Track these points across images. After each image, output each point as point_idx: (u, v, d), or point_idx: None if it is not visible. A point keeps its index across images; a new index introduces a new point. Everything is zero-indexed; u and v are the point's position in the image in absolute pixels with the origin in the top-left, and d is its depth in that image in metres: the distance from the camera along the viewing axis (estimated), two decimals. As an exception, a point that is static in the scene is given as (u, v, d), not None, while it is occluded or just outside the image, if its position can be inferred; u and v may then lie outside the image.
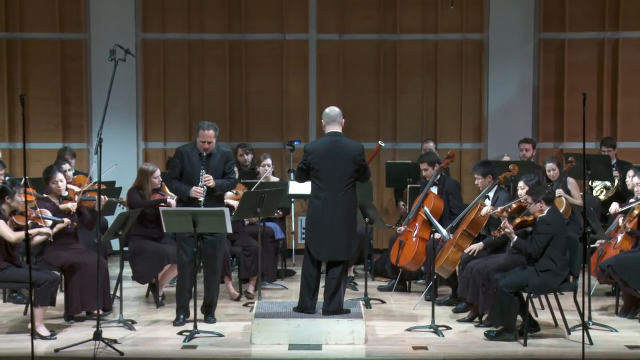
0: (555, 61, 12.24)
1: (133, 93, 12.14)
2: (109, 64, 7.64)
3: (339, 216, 7.61)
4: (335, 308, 7.64)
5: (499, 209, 8.05)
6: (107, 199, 8.64)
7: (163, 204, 8.78)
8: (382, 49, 12.31)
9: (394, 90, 12.32)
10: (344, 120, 7.85)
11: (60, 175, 8.27)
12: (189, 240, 7.96)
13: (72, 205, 8.26)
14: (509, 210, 7.94)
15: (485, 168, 8.81)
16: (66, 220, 8.04)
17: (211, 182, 8.06)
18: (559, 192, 9.45)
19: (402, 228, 9.42)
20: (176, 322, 8.10)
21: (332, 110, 7.82)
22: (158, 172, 9.01)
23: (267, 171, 10.40)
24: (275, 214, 10.11)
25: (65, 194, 8.35)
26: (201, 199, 7.99)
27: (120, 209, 9.45)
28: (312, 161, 7.67)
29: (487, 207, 8.40)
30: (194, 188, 8.03)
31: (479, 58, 12.26)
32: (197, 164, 8.09)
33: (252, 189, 9.49)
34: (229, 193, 9.45)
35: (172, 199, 8.83)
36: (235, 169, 9.77)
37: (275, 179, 10.53)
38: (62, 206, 8.22)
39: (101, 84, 11.67)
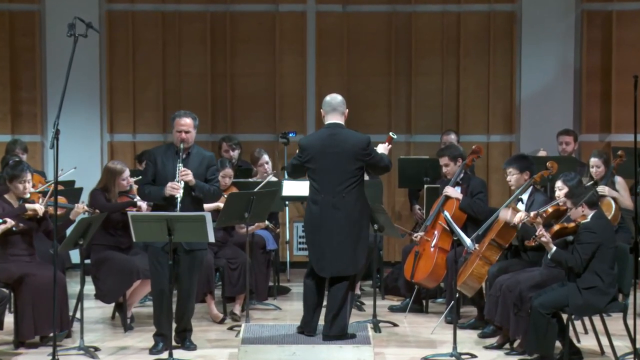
0: (601, 37, 12.27)
1: (96, 75, 12.15)
2: (67, 41, 7.63)
3: (340, 224, 7.61)
4: (337, 332, 7.64)
5: (532, 214, 8.00)
6: (85, 207, 8.55)
7: (133, 207, 8.76)
8: (394, 22, 12.32)
9: (408, 72, 12.33)
10: (347, 110, 7.85)
11: (29, 176, 8.22)
12: (162, 256, 7.89)
13: (39, 208, 8.20)
14: (545, 215, 7.89)
15: (522, 163, 8.74)
16: (9, 221, 7.97)
17: (189, 177, 7.96)
18: (603, 188, 9.21)
19: (418, 236, 9.43)
20: (153, 350, 8.06)
21: (334, 98, 7.84)
22: (127, 173, 8.99)
23: (267, 171, 10.40)
24: (273, 232, 10.05)
25: (28, 195, 8.31)
26: (178, 195, 7.90)
27: (82, 215, 9.41)
28: (307, 159, 7.68)
29: (521, 213, 8.32)
30: (169, 184, 7.94)
31: (510, 33, 12.27)
32: (172, 163, 8.02)
33: (257, 190, 9.38)
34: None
35: (143, 203, 8.81)
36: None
37: (274, 179, 10.42)
38: (28, 206, 8.18)
39: (58, 64, 11.66)
